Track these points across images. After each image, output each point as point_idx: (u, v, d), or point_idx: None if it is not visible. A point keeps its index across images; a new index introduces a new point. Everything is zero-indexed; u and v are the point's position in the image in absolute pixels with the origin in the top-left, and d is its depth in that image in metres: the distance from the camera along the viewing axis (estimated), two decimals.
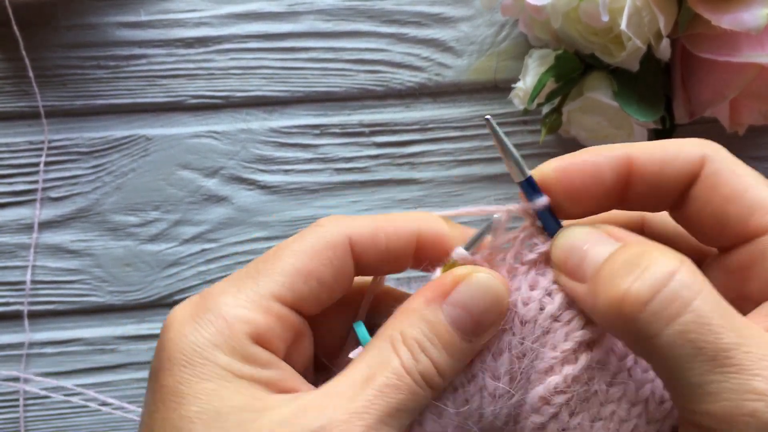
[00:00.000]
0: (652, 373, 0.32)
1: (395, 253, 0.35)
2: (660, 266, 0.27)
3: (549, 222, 0.33)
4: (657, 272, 0.27)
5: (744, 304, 0.30)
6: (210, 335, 0.31)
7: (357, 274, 0.35)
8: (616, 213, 0.37)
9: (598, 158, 0.32)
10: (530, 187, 0.32)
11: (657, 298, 0.26)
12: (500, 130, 0.32)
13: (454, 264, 0.33)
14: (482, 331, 0.32)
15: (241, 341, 0.31)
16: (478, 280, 0.32)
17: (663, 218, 0.36)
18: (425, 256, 0.35)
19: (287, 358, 0.34)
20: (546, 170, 0.32)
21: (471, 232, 0.35)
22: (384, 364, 0.31)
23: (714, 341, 0.26)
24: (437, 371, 0.31)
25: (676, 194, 0.32)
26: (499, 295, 0.32)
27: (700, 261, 0.33)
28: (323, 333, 0.37)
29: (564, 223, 0.33)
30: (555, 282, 0.32)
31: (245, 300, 0.33)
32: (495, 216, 0.33)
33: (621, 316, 0.27)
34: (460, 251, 0.33)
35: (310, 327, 0.36)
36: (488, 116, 0.32)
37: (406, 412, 0.31)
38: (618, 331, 0.29)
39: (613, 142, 0.58)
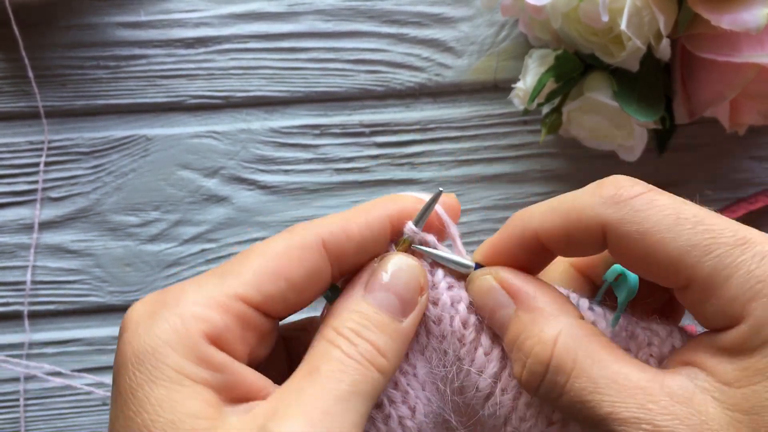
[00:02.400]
0: None
1: (371, 240, 0.35)
2: (537, 356, 0.32)
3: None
4: (536, 361, 0.32)
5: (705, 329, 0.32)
6: (164, 334, 0.31)
7: (337, 273, 0.35)
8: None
9: (511, 241, 0.35)
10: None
11: (543, 385, 0.32)
12: (432, 251, 0.36)
13: (406, 241, 0.36)
14: (410, 308, 0.34)
15: (195, 341, 0.31)
16: (393, 261, 0.35)
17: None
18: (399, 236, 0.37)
19: (253, 362, 0.33)
20: (479, 259, 0.36)
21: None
22: (324, 355, 0.32)
23: (593, 414, 0.30)
24: (378, 352, 0.33)
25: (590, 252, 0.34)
26: (415, 270, 0.35)
27: None
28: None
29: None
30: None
31: (205, 297, 0.32)
32: (440, 189, 0.36)
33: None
34: (409, 226, 0.36)
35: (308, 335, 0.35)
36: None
37: (360, 395, 0.31)
38: None
39: (613, 142, 0.59)
